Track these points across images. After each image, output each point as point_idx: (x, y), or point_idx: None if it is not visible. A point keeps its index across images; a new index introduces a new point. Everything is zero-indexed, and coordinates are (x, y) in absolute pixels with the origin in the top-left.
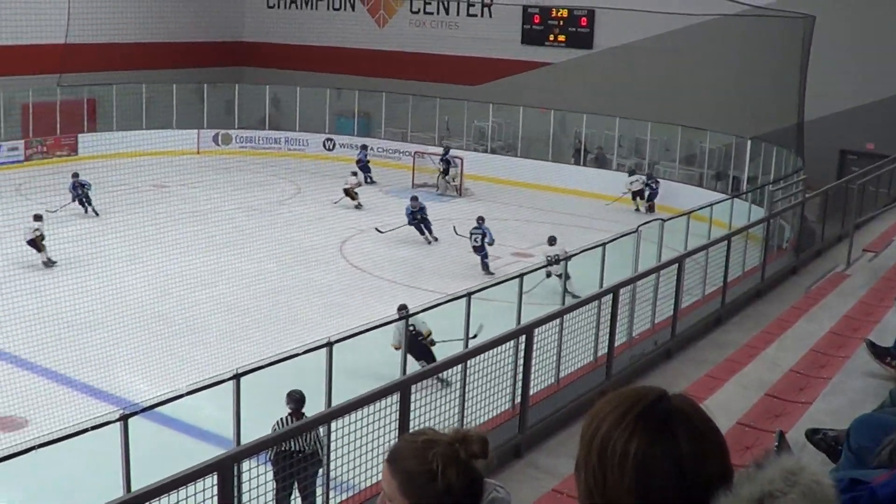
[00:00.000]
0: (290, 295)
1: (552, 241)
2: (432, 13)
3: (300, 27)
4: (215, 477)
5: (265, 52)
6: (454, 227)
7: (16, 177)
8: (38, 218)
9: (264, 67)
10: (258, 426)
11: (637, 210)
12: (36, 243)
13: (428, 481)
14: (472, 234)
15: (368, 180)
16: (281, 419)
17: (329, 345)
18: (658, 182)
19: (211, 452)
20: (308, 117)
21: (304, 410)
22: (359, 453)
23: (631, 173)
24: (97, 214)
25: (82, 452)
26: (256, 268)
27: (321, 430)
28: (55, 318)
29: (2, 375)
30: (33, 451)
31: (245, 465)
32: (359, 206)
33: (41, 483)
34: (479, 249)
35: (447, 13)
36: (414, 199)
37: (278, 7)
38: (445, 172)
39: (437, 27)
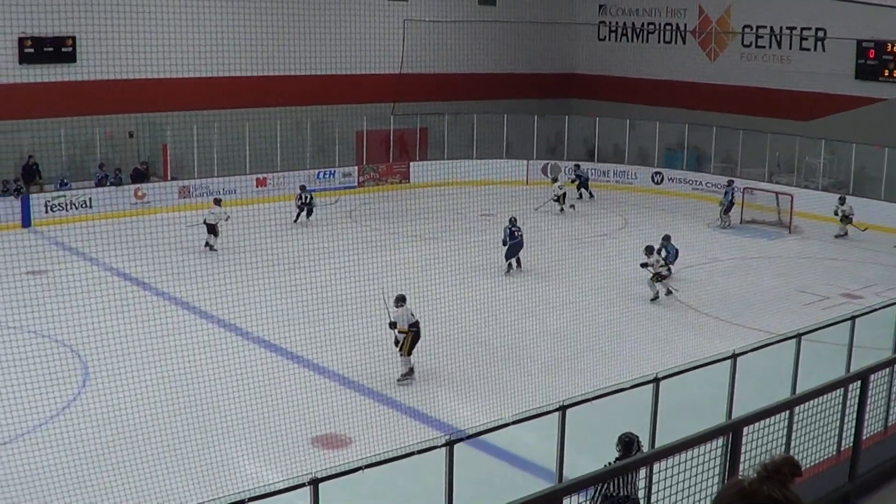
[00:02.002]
0: (613, 328)
1: None
2: (764, 47)
3: (630, 60)
4: None
5: (595, 84)
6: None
7: (349, 202)
8: (217, 202)
9: (594, 99)
10: (582, 460)
11: None
12: (214, 228)
13: None
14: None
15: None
16: (609, 463)
17: (656, 380)
18: None
19: (530, 482)
20: (637, 151)
21: (633, 453)
22: (680, 497)
23: None
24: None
25: (403, 474)
26: (580, 299)
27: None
28: (381, 342)
29: (328, 394)
30: (359, 472)
31: (565, 501)
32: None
33: (359, 502)
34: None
35: (779, 47)
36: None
37: (609, 40)
38: (728, 209)
39: (769, 61)
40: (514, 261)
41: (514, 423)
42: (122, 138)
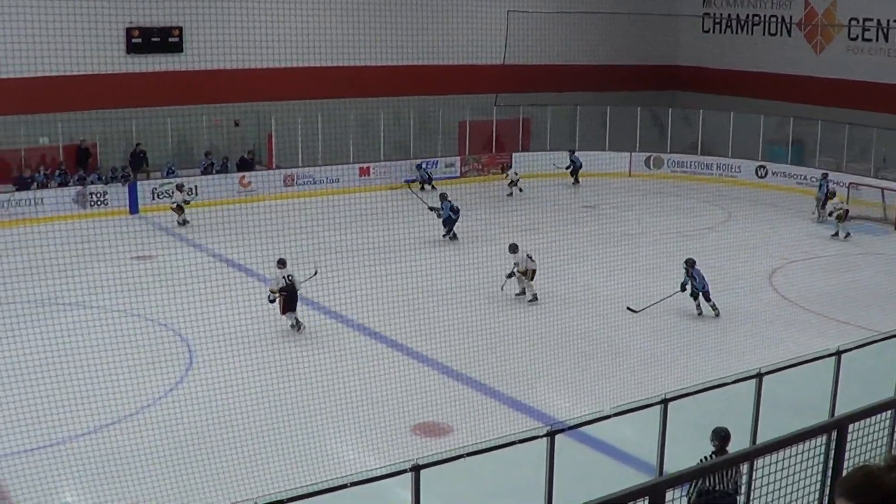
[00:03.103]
0: (716, 323)
1: None
2: (871, 40)
3: (734, 52)
4: (646, 502)
5: (699, 77)
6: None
7: (451, 192)
8: (179, 188)
9: (697, 91)
10: (680, 454)
11: None
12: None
13: None
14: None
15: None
16: (705, 457)
17: (759, 376)
18: None
19: (628, 474)
20: (741, 143)
21: (728, 448)
22: (780, 494)
23: None
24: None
25: (503, 464)
26: (681, 293)
27: (743, 468)
28: (481, 331)
29: (429, 382)
30: (460, 460)
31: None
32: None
33: (458, 490)
34: (695, 296)
35: (886, 40)
36: None
37: (713, 31)
38: (824, 203)
39: (876, 54)
40: (452, 233)
41: (615, 415)
42: (228, 127)
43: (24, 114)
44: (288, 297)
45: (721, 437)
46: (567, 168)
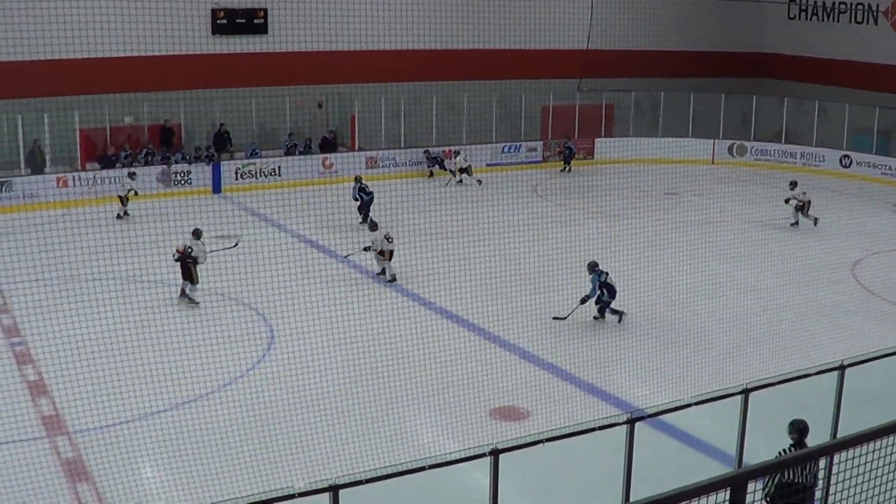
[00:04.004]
0: (796, 313)
1: None
2: None
3: (820, 40)
4: (727, 493)
5: (784, 64)
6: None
7: (533, 177)
8: (131, 175)
9: (782, 79)
10: (758, 446)
11: None
12: (123, 199)
13: None
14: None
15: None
16: (783, 450)
17: (841, 368)
18: None
19: (706, 464)
20: (825, 133)
21: (806, 440)
22: (860, 490)
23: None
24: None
25: (581, 450)
26: (763, 282)
27: (822, 462)
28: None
29: (508, 366)
30: (539, 445)
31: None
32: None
33: (533, 475)
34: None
35: None
36: None
37: (798, 19)
38: None
39: None
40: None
41: (695, 403)
42: (311, 109)
43: (110, 93)
44: (183, 266)
45: (800, 429)
46: (560, 153)
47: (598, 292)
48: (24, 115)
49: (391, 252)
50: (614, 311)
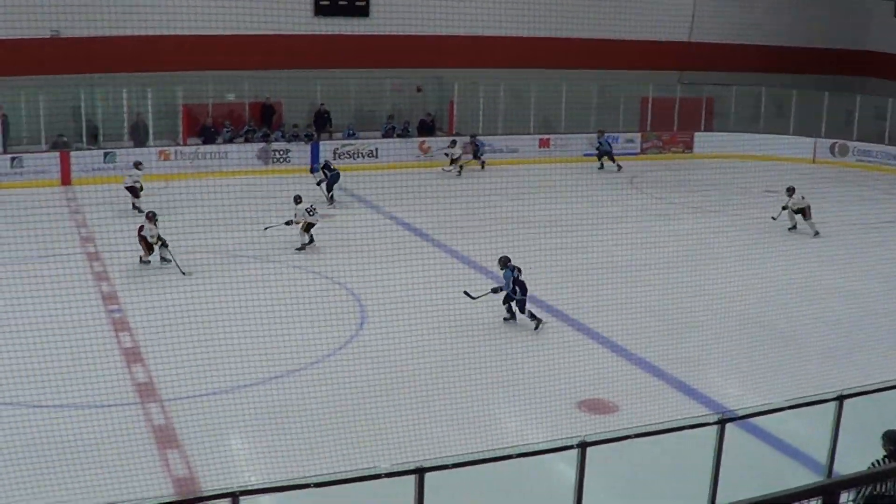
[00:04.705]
0: (893, 318)
1: None
2: None
3: None
4: (818, 501)
5: (889, 63)
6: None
7: (631, 168)
8: (137, 165)
9: (888, 79)
10: (849, 455)
11: None
12: (133, 190)
13: None
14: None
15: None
16: (876, 461)
17: None
18: None
19: (797, 471)
20: None
21: None
22: None
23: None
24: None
25: (667, 448)
26: (865, 286)
27: None
28: (654, 311)
29: (597, 358)
30: (627, 441)
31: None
32: None
33: (618, 470)
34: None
35: None
36: None
37: None
38: None
39: None
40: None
41: (788, 408)
42: (410, 92)
43: (214, 70)
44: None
45: (893, 439)
46: (597, 150)
47: (510, 288)
48: (129, 90)
49: (311, 224)
50: (533, 317)
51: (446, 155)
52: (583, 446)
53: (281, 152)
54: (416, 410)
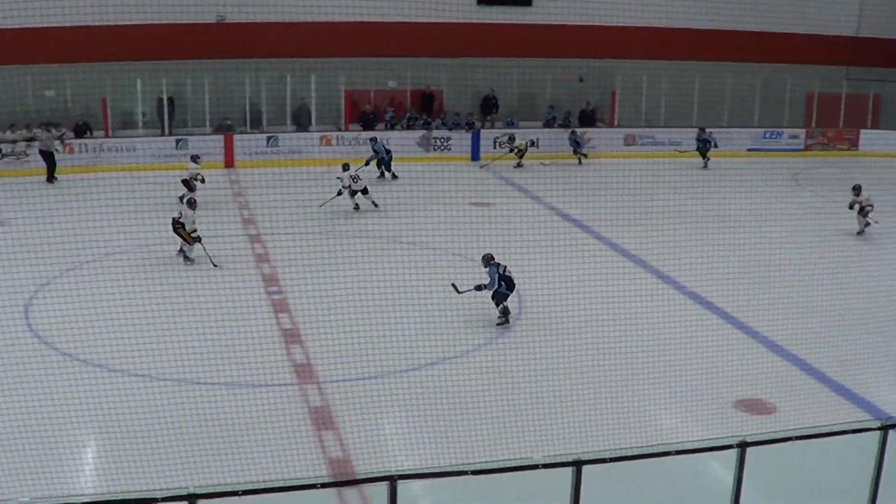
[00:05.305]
0: None
1: None
2: None
3: None
4: None
5: None
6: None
7: (794, 165)
8: (195, 158)
9: None
10: None
11: None
12: (188, 183)
13: None
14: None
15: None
16: None
17: None
18: None
19: None
20: None
21: None
22: None
23: None
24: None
25: (825, 452)
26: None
27: None
28: (815, 311)
29: (757, 358)
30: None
31: None
32: None
33: (774, 472)
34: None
35: None
36: None
37: None
38: None
39: None
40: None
41: None
42: (572, 82)
43: (376, 56)
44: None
45: None
46: (698, 147)
47: (497, 285)
48: (292, 75)
49: (358, 190)
50: (504, 314)
51: (511, 150)
52: (742, 446)
53: (442, 139)
54: (570, 402)
